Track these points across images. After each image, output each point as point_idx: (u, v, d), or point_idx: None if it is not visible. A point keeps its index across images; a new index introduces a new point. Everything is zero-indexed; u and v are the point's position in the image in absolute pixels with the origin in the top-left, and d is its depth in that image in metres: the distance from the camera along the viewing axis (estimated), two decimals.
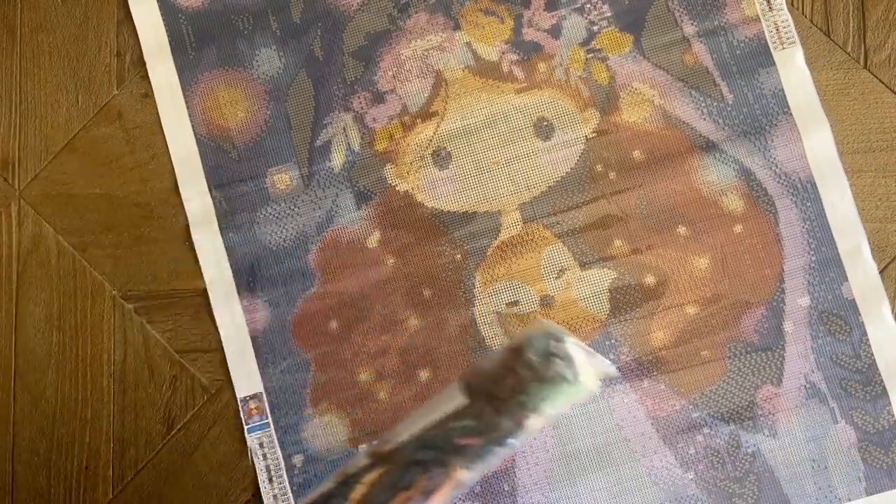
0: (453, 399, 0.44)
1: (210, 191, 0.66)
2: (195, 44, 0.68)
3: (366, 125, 0.67)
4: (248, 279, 0.66)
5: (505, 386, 0.43)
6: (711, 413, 0.64)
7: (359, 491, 0.43)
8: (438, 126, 0.67)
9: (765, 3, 0.67)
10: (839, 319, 0.64)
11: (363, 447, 0.46)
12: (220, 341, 0.65)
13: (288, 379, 0.65)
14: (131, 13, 0.68)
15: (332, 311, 0.65)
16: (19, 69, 0.69)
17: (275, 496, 0.64)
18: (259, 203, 0.66)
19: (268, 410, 0.64)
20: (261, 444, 0.64)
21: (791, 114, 0.66)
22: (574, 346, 0.43)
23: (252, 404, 0.65)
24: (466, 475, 0.43)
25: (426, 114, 0.67)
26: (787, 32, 0.66)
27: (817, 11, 0.67)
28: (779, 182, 0.65)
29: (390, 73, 0.67)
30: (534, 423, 0.42)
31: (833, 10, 0.67)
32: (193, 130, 0.67)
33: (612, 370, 0.45)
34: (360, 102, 0.67)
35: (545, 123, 0.66)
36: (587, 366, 0.43)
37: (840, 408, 0.63)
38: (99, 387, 0.66)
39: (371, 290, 0.65)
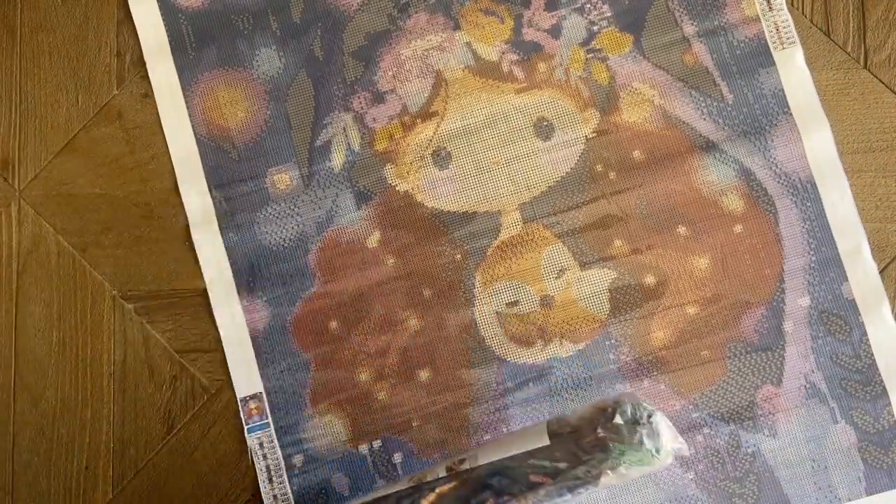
0: (537, 438, 0.47)
1: (210, 191, 0.66)
2: (195, 44, 0.68)
3: (366, 125, 0.67)
4: (248, 279, 0.66)
5: (587, 439, 0.46)
6: (711, 413, 0.64)
7: (429, 498, 0.46)
8: (438, 126, 0.67)
9: (765, 3, 0.67)
10: (839, 319, 0.64)
11: (443, 461, 0.48)
12: (220, 341, 0.65)
13: (288, 379, 0.65)
14: (131, 13, 0.68)
15: (332, 311, 0.65)
16: (19, 69, 0.69)
17: (275, 496, 0.64)
18: (259, 203, 0.66)
19: (268, 410, 0.64)
20: (261, 444, 0.64)
21: (791, 114, 0.66)
22: (661, 421, 0.46)
23: (252, 404, 0.65)
24: None
25: (426, 114, 0.67)
26: (787, 32, 0.66)
27: (817, 11, 0.67)
28: (779, 182, 0.65)
29: (390, 73, 0.67)
30: (608, 479, 0.46)
31: (833, 10, 0.67)
32: (193, 130, 0.67)
33: (685, 451, 0.48)
34: (360, 102, 0.67)
35: (545, 123, 0.66)
36: (669, 442, 0.46)
37: (840, 408, 0.63)
38: (99, 387, 0.65)
39: (371, 290, 0.65)
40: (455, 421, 0.64)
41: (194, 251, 0.66)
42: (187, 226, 0.66)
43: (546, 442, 0.46)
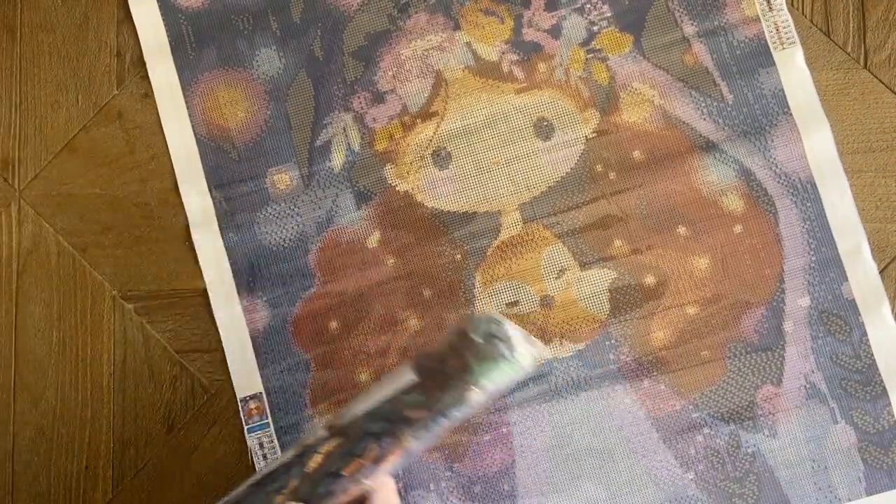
0: (404, 377, 0.50)
1: (210, 191, 0.66)
2: (195, 44, 0.68)
3: (366, 125, 0.67)
4: (248, 279, 0.66)
5: (450, 365, 0.49)
6: (711, 413, 0.64)
7: (316, 460, 0.48)
8: (438, 126, 0.67)
9: (765, 3, 0.67)
10: (839, 319, 0.64)
11: (321, 422, 0.50)
12: (220, 341, 0.65)
13: (288, 379, 0.65)
14: (131, 13, 0.68)
15: (332, 311, 0.65)
16: (19, 69, 0.69)
17: None
18: (259, 203, 0.66)
19: (268, 410, 0.64)
20: (261, 444, 0.64)
21: (791, 114, 0.66)
22: (512, 329, 0.49)
23: (252, 404, 0.65)
24: (414, 444, 0.49)
25: (426, 114, 0.67)
26: (787, 32, 0.66)
27: (817, 12, 0.67)
28: (779, 182, 0.65)
29: (390, 73, 0.67)
30: (475, 397, 0.48)
31: (833, 11, 0.67)
32: (193, 130, 0.67)
33: (545, 352, 0.52)
34: (360, 102, 0.67)
35: (545, 123, 0.66)
36: (523, 347, 0.49)
37: (840, 408, 0.63)
38: (99, 387, 0.65)
39: (371, 290, 0.65)
40: None
41: (194, 251, 0.66)
42: (187, 226, 0.66)
43: (414, 378, 0.49)
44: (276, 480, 0.48)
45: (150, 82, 0.68)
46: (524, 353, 0.49)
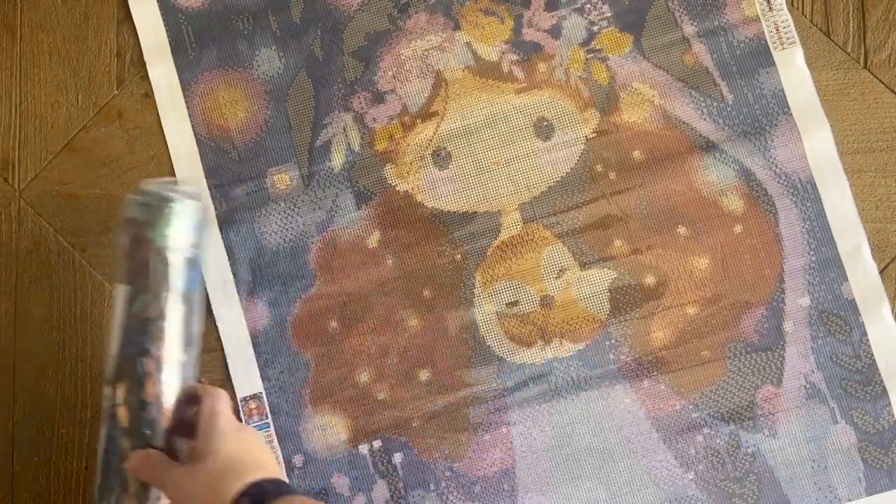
0: (119, 297, 0.53)
1: (210, 191, 0.66)
2: (195, 44, 0.68)
3: (366, 125, 0.67)
4: (248, 279, 0.65)
5: (140, 252, 0.53)
6: (711, 413, 0.64)
7: (123, 415, 0.52)
8: (438, 126, 0.67)
9: (765, 3, 0.67)
10: (839, 319, 0.64)
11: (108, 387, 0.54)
12: (220, 341, 0.65)
13: (288, 379, 0.65)
14: (131, 13, 0.68)
15: (332, 311, 0.65)
16: (19, 69, 0.69)
17: None
18: (259, 203, 0.66)
19: (268, 410, 0.64)
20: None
21: (791, 114, 0.66)
22: (158, 182, 0.54)
23: (252, 404, 0.64)
24: (175, 334, 0.53)
25: (426, 114, 0.67)
26: (787, 32, 0.66)
27: (817, 12, 0.67)
28: (779, 182, 0.65)
29: (390, 73, 0.67)
30: (173, 255, 0.53)
31: (833, 11, 0.67)
32: (193, 130, 0.67)
33: (197, 190, 0.57)
34: (360, 102, 0.67)
35: (545, 123, 0.66)
36: (173, 185, 0.55)
37: (840, 408, 0.63)
38: (99, 387, 0.65)
39: (371, 290, 0.65)
40: (455, 421, 0.64)
41: None
42: None
43: (126, 288, 0.53)
44: (111, 467, 0.52)
45: (150, 82, 0.68)
46: (180, 187, 0.54)
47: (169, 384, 0.53)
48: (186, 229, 0.54)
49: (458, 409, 0.64)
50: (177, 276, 0.53)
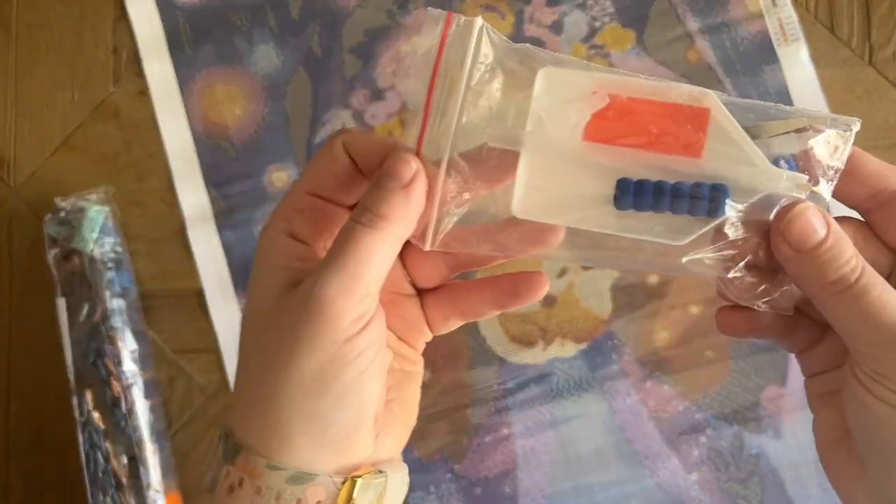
0: (61, 308, 0.58)
1: (207, 189, 0.66)
2: (192, 41, 0.67)
3: (365, 122, 0.66)
4: (245, 279, 0.65)
5: (68, 265, 0.59)
6: (715, 414, 0.63)
7: (98, 418, 0.55)
8: None
9: None
10: None
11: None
12: (217, 341, 0.65)
13: None
14: (127, 10, 0.68)
15: None
16: (15, 67, 0.69)
17: None
18: (257, 201, 0.66)
19: None
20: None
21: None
22: (70, 198, 0.60)
23: None
24: None
25: None
26: (791, 29, 0.66)
27: (821, 8, 0.67)
28: None
29: (389, 70, 0.67)
30: (100, 262, 0.58)
31: (837, 7, 0.67)
32: (190, 128, 0.67)
33: (108, 194, 0.62)
34: (359, 99, 0.66)
35: None
36: (91, 199, 0.60)
37: None
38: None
39: None
40: (456, 422, 0.64)
41: (191, 250, 0.65)
42: (184, 224, 0.66)
43: None
44: (99, 469, 0.54)
45: (146, 79, 0.67)
46: (91, 195, 0.59)
47: (131, 376, 0.57)
48: (106, 232, 0.59)
49: (458, 410, 0.64)
50: (110, 278, 0.57)
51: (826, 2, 0.67)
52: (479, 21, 0.32)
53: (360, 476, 0.32)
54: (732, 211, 0.32)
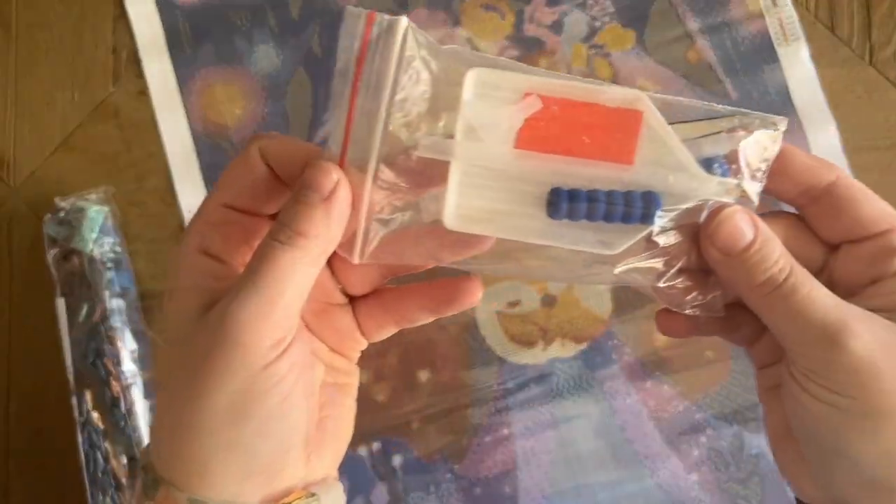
0: (61, 309, 0.58)
1: (207, 189, 0.66)
2: (192, 40, 0.67)
3: None
4: None
5: (68, 265, 0.59)
6: (715, 414, 0.63)
7: (97, 418, 0.55)
8: None
9: None
10: None
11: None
12: None
13: None
14: (127, 10, 0.68)
15: None
16: (15, 67, 0.68)
17: None
18: None
19: None
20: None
21: (796, 111, 0.65)
22: (70, 197, 0.60)
23: None
24: None
25: None
26: (791, 28, 0.66)
27: (822, 7, 0.67)
28: None
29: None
30: (100, 261, 0.59)
31: (838, 6, 0.67)
32: (190, 128, 0.66)
33: (107, 194, 0.62)
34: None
35: None
36: (91, 199, 0.60)
37: None
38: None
39: None
40: (455, 422, 0.64)
41: None
42: (183, 224, 0.66)
43: None
44: (98, 469, 0.54)
45: (146, 79, 0.67)
46: (91, 195, 0.60)
47: (131, 376, 0.57)
48: (106, 232, 0.59)
49: (458, 410, 0.64)
50: (109, 278, 0.57)
51: (826, 1, 0.67)
52: (403, 21, 0.31)
53: (289, 503, 0.31)
54: (664, 219, 0.32)
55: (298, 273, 0.29)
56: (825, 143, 0.64)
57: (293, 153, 0.31)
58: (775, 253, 0.31)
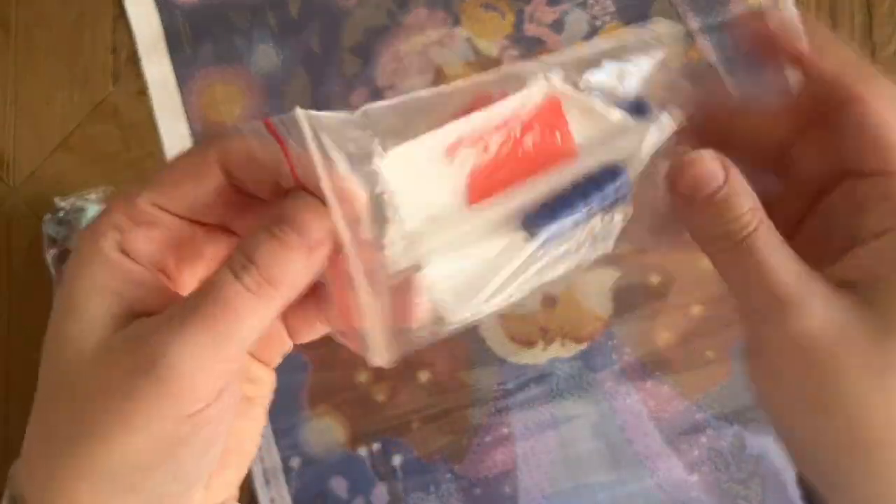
0: None
1: None
2: (191, 40, 0.67)
3: None
4: None
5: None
6: (716, 414, 0.63)
7: None
8: None
9: None
10: None
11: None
12: None
13: (285, 380, 0.64)
14: (126, 9, 0.68)
15: None
16: (14, 66, 0.69)
17: (272, 499, 0.63)
18: None
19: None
20: (258, 447, 0.63)
21: None
22: (68, 197, 0.59)
23: None
24: None
25: None
26: (792, 28, 0.66)
27: (823, 6, 0.67)
28: None
29: (389, 69, 0.67)
30: None
31: (839, 5, 0.67)
32: (189, 127, 0.67)
33: (105, 194, 0.62)
34: (359, 99, 0.66)
35: None
36: (91, 198, 0.60)
37: None
38: None
39: None
40: (455, 422, 0.64)
41: None
42: None
43: None
44: None
45: (145, 79, 0.67)
46: (90, 194, 0.58)
47: None
48: None
49: (458, 410, 0.64)
50: None
51: (827, 1, 0.67)
52: (297, 111, 0.26)
53: None
54: (628, 186, 0.30)
55: (259, 321, 0.25)
56: None
57: (263, 168, 0.27)
58: (744, 206, 0.27)
